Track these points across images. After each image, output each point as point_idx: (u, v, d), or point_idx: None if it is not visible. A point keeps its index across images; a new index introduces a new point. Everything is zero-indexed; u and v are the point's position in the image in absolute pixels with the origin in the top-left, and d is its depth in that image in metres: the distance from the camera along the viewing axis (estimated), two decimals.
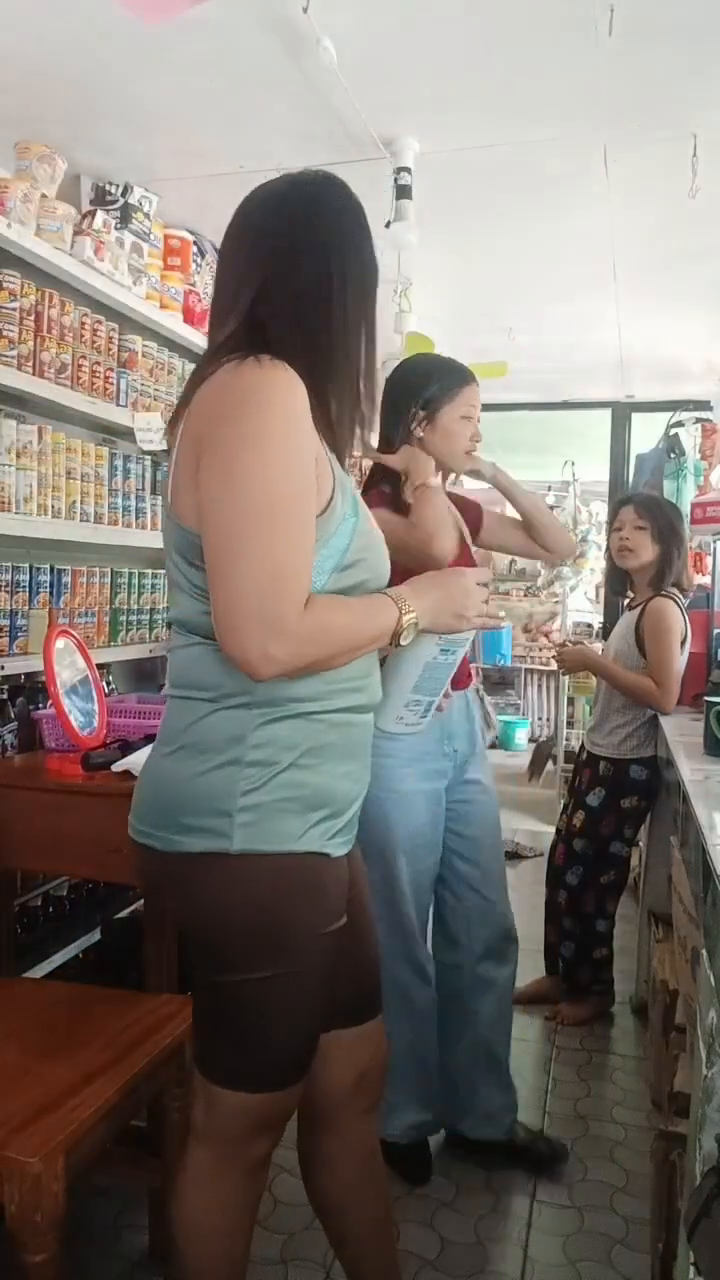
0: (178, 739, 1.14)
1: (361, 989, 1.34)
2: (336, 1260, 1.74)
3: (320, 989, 1.18)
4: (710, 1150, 1.14)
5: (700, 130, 2.23)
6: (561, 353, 4.24)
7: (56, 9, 1.82)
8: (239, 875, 1.10)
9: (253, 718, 1.10)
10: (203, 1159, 1.21)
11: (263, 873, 1.10)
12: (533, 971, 2.89)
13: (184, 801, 1.11)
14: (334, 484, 1.11)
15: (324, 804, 1.14)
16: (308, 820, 1.12)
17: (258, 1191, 1.26)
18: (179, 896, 1.16)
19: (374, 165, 2.40)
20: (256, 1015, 1.15)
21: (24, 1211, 1.24)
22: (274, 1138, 1.23)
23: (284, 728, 1.11)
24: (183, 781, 1.12)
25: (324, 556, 1.08)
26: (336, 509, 1.10)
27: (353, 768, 1.20)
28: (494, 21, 1.85)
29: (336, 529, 1.10)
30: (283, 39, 1.90)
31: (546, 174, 2.50)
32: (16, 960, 2.11)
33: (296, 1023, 1.17)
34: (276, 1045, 1.17)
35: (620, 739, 2.67)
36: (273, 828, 1.10)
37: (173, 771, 1.14)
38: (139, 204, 2.59)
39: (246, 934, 1.12)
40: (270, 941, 1.12)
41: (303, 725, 1.12)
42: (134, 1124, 1.66)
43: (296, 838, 1.11)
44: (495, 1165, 2.05)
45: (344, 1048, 1.31)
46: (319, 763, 1.13)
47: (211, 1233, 1.22)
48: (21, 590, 2.25)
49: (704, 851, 1.35)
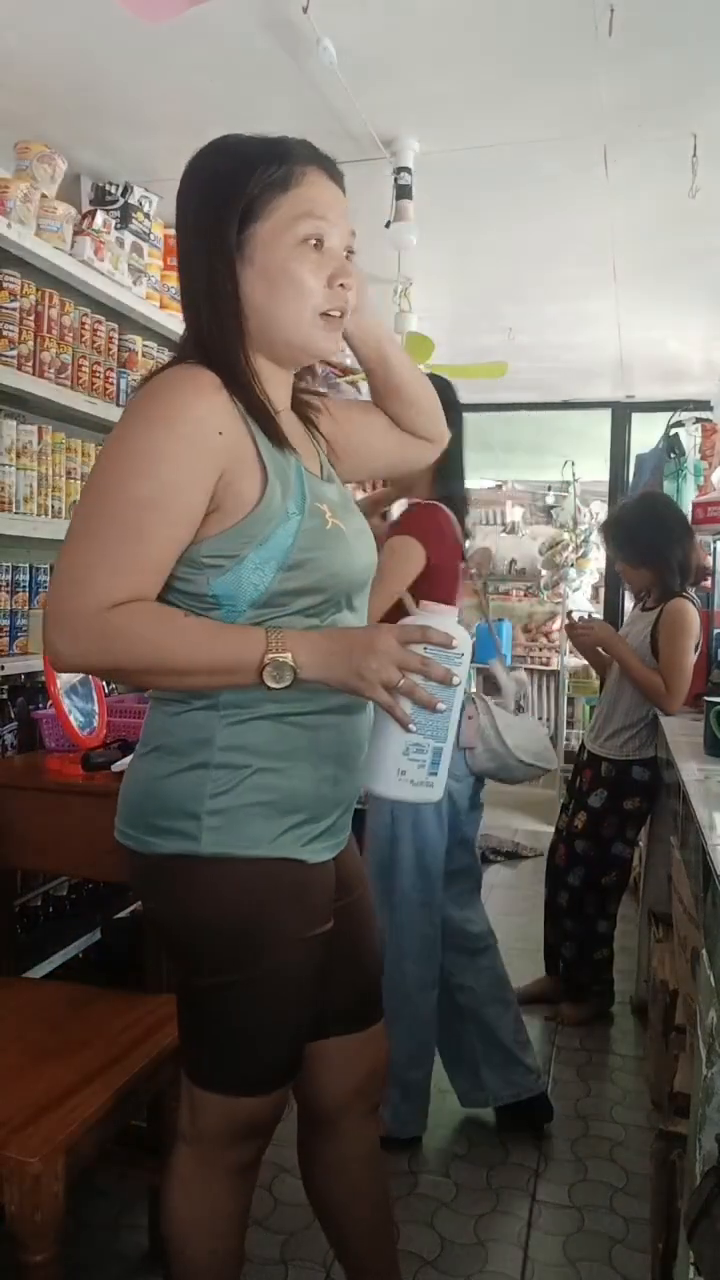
0: (152, 740, 1.14)
1: (362, 994, 1.33)
2: (336, 1260, 1.75)
3: (300, 995, 1.16)
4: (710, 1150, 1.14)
5: (700, 130, 2.23)
6: (561, 353, 4.23)
7: (57, 9, 1.82)
8: (208, 878, 1.09)
9: (219, 719, 1.09)
10: (186, 1162, 1.21)
11: (232, 877, 1.09)
12: (533, 971, 2.89)
13: (156, 803, 1.11)
14: (265, 484, 1.06)
15: (298, 809, 1.12)
16: (280, 825, 1.10)
17: (245, 1197, 1.24)
18: (153, 897, 1.16)
19: (374, 165, 2.40)
20: (230, 1019, 1.14)
21: (24, 1211, 1.24)
22: (258, 1145, 1.21)
23: (251, 730, 1.09)
24: (155, 782, 1.12)
25: (265, 555, 1.05)
26: (270, 507, 1.06)
27: (334, 771, 1.15)
28: (494, 21, 1.85)
29: (275, 528, 1.06)
30: (283, 39, 1.90)
31: (546, 174, 2.50)
32: (16, 960, 2.11)
33: (273, 1029, 1.15)
34: (254, 1050, 1.15)
35: (623, 740, 2.67)
36: (242, 831, 1.09)
37: (147, 772, 1.14)
38: (139, 204, 2.59)
39: (215, 937, 1.11)
40: (240, 946, 1.11)
41: (271, 727, 1.10)
42: (134, 1124, 1.66)
43: (268, 842, 1.10)
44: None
45: (345, 1053, 1.31)
46: (290, 766, 1.11)
47: (199, 1237, 1.21)
48: (21, 590, 2.25)
49: (704, 852, 1.35)
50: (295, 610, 1.09)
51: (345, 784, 1.18)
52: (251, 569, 1.05)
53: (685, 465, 4.30)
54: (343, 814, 1.20)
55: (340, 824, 1.20)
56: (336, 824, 1.19)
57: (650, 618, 2.67)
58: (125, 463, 1.02)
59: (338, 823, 1.19)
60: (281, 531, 1.06)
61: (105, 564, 0.99)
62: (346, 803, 1.20)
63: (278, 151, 1.08)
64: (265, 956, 1.11)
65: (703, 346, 4.05)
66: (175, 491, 1.01)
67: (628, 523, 2.80)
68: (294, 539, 1.07)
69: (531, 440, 5.83)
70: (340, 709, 1.14)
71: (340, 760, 1.16)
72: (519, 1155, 2.12)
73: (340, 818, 1.20)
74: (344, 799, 1.19)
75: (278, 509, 1.07)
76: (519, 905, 3.71)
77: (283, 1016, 1.16)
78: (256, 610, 1.07)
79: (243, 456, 1.06)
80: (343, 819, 1.21)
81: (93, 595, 0.98)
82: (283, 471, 1.09)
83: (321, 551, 1.09)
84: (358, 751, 1.19)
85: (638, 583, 2.80)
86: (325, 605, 1.12)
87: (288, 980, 1.14)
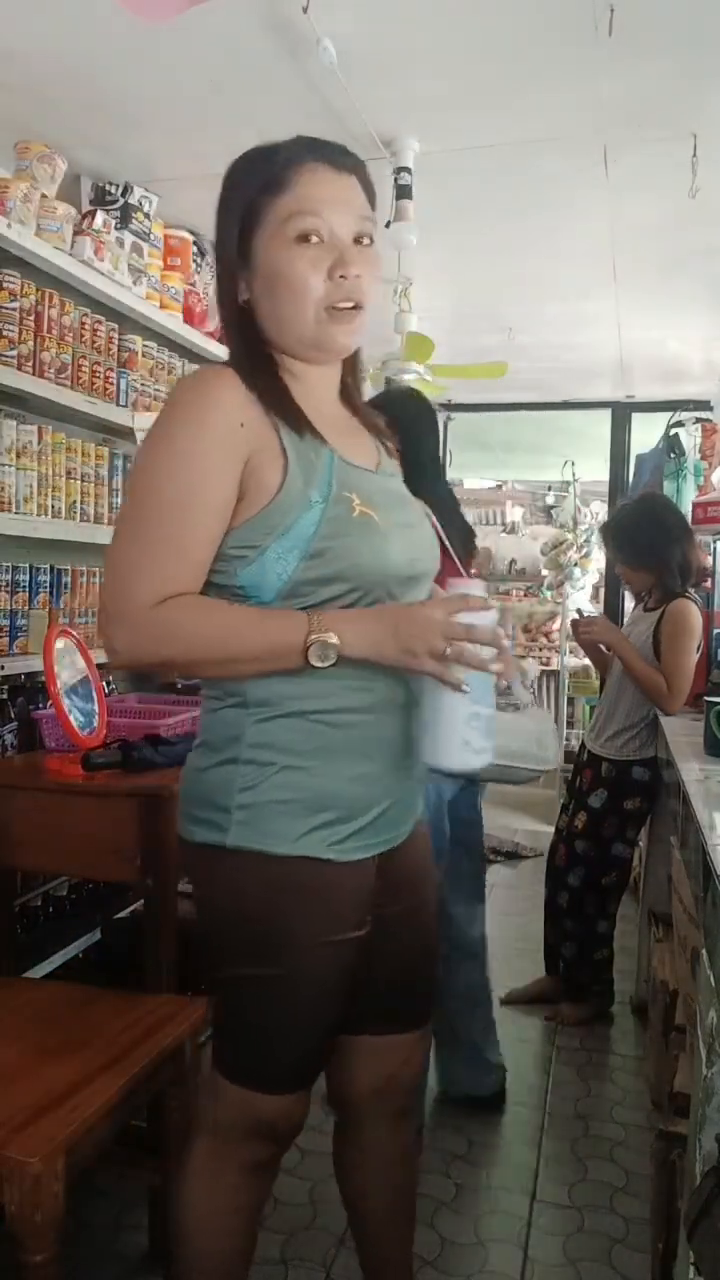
0: (200, 735, 1.20)
1: (404, 1001, 1.30)
2: (336, 1260, 1.75)
3: (321, 998, 1.16)
4: (710, 1150, 1.14)
5: (700, 130, 2.23)
6: (561, 353, 4.24)
7: (57, 9, 1.82)
8: (230, 869, 1.11)
9: (248, 716, 1.11)
10: (201, 1153, 1.22)
11: (253, 871, 1.10)
12: (533, 971, 2.89)
13: (195, 794, 1.16)
14: (285, 473, 1.08)
15: (327, 807, 1.11)
16: (305, 824, 1.10)
17: (254, 1195, 1.24)
18: (192, 883, 1.21)
19: (374, 165, 2.38)
20: (247, 1014, 1.15)
21: (24, 1211, 1.24)
22: (271, 1148, 1.21)
23: (278, 727, 1.10)
24: (196, 774, 1.17)
25: (288, 544, 1.06)
26: (290, 495, 1.07)
27: (368, 770, 1.13)
28: (494, 21, 1.85)
29: (297, 517, 1.06)
30: (283, 39, 1.90)
31: (546, 174, 2.50)
32: (16, 960, 2.11)
33: (290, 1030, 1.15)
34: (271, 1048, 1.16)
35: (623, 741, 2.66)
36: (266, 828, 1.10)
37: (192, 765, 1.19)
38: (139, 204, 2.59)
39: (234, 930, 1.13)
40: (258, 941, 1.12)
41: (300, 725, 1.10)
42: (134, 1124, 1.66)
43: (292, 840, 1.10)
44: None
45: (372, 1052, 1.30)
46: (319, 764, 1.11)
47: (205, 1232, 1.22)
48: (21, 590, 2.25)
49: (704, 852, 1.35)
50: (321, 601, 1.08)
51: (383, 782, 1.16)
52: (274, 558, 1.06)
53: (685, 465, 4.30)
54: (384, 813, 1.16)
55: (382, 823, 1.16)
56: (376, 823, 1.15)
57: (652, 618, 2.67)
58: (158, 463, 1.07)
59: (377, 822, 1.15)
60: (304, 520, 1.07)
61: (147, 563, 1.04)
62: (387, 802, 1.16)
63: (271, 157, 1.10)
64: (284, 955, 1.12)
65: (703, 346, 4.06)
66: (204, 486, 1.05)
67: (627, 525, 2.80)
68: (316, 527, 1.07)
69: (531, 440, 5.83)
70: (370, 708, 1.13)
71: (374, 758, 1.14)
72: (519, 1155, 2.12)
73: (381, 817, 1.16)
74: (382, 797, 1.16)
75: (299, 497, 1.08)
76: (519, 905, 3.71)
77: (299, 1019, 1.15)
78: (283, 601, 1.08)
79: (265, 446, 1.08)
80: (386, 818, 1.17)
81: (139, 594, 1.03)
82: (307, 461, 1.10)
83: (344, 539, 1.09)
84: (394, 749, 1.16)
85: (638, 584, 2.80)
86: (356, 598, 1.10)
87: (308, 982, 1.14)
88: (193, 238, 2.87)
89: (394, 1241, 1.41)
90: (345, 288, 1.09)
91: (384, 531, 1.12)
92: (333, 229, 1.09)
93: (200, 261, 2.93)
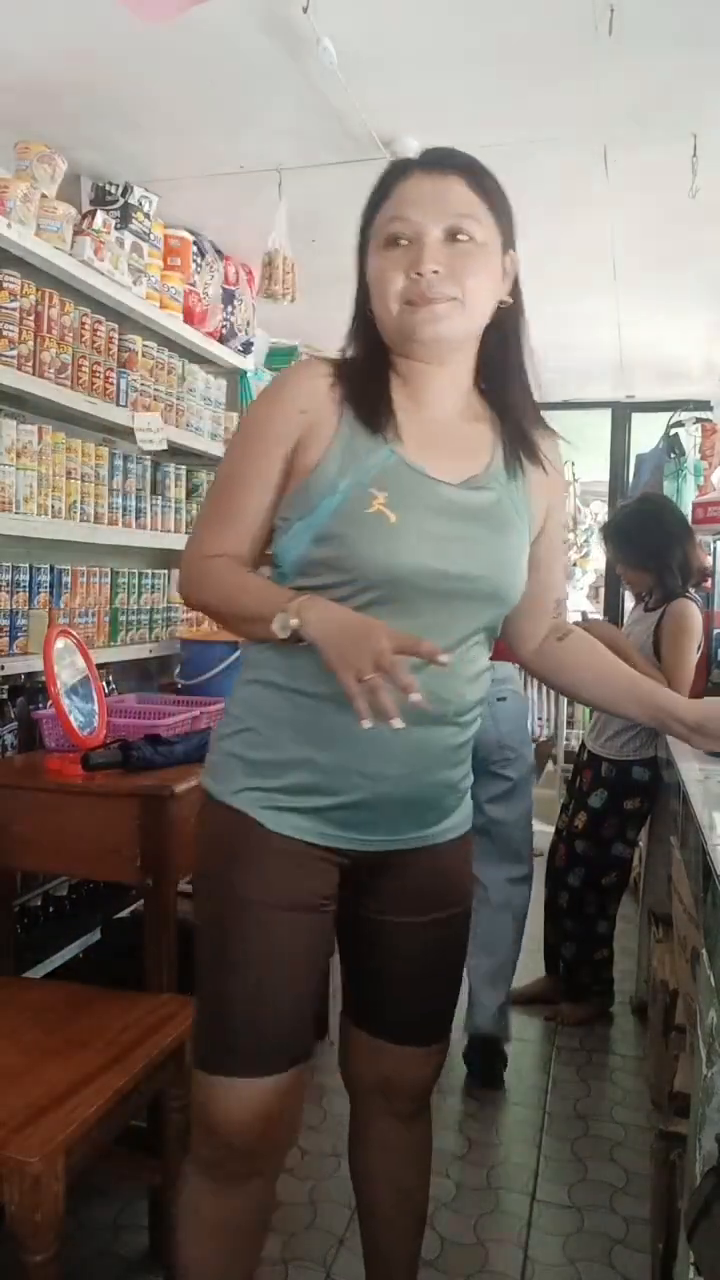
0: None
1: (407, 1014, 1.30)
2: (336, 1260, 1.75)
3: (270, 968, 1.14)
4: (710, 1150, 1.14)
5: (700, 130, 2.23)
6: (561, 353, 4.23)
7: (57, 9, 1.82)
8: (204, 811, 1.24)
9: (242, 675, 1.24)
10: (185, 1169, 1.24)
11: (212, 812, 1.21)
12: (533, 971, 2.89)
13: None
14: (324, 457, 1.14)
15: (266, 775, 1.17)
16: (244, 781, 1.18)
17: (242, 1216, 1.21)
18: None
19: (374, 165, 2.39)
20: (206, 984, 1.19)
21: (24, 1211, 1.24)
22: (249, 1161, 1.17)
23: (252, 691, 1.21)
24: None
25: (307, 524, 1.14)
26: (319, 478, 1.13)
27: (314, 755, 1.14)
28: (494, 21, 1.85)
29: (321, 500, 1.13)
30: (283, 39, 1.90)
31: (546, 174, 2.50)
32: (16, 960, 2.11)
33: (245, 997, 1.14)
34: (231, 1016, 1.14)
35: (623, 741, 2.66)
36: (221, 773, 1.21)
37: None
38: (139, 204, 2.59)
39: (198, 864, 1.25)
40: (208, 879, 1.22)
41: (271, 695, 1.18)
42: (134, 1124, 1.66)
43: (231, 792, 1.19)
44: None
45: (371, 1050, 1.32)
46: (274, 735, 1.17)
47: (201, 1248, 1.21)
48: (21, 590, 2.25)
49: (704, 852, 1.35)
50: (324, 584, 1.11)
51: (351, 778, 1.14)
52: (295, 534, 1.15)
53: (685, 465, 4.31)
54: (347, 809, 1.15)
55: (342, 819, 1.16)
56: (329, 814, 1.15)
57: (653, 618, 2.67)
58: (232, 440, 1.27)
59: (331, 813, 1.15)
60: (325, 504, 1.12)
61: (206, 524, 1.22)
62: (352, 798, 1.15)
63: (384, 172, 1.20)
64: (217, 902, 1.18)
65: (703, 346, 4.05)
66: (252, 462, 1.19)
67: (626, 526, 2.80)
68: (331, 513, 1.12)
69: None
70: (326, 697, 1.11)
71: (323, 745, 1.14)
72: (519, 1155, 2.12)
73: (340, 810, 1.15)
74: (344, 791, 1.14)
75: (328, 482, 1.13)
76: None
77: (253, 985, 1.14)
78: (297, 575, 1.16)
79: (319, 434, 1.15)
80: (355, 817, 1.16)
81: (197, 548, 1.22)
82: (353, 452, 1.13)
83: (351, 530, 1.10)
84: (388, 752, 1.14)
85: (638, 585, 2.80)
86: (354, 590, 1.10)
87: (257, 948, 1.14)
88: (193, 238, 2.87)
89: (396, 1241, 1.41)
90: (420, 284, 1.12)
91: (398, 533, 1.10)
92: (419, 229, 1.13)
93: (200, 261, 2.93)
